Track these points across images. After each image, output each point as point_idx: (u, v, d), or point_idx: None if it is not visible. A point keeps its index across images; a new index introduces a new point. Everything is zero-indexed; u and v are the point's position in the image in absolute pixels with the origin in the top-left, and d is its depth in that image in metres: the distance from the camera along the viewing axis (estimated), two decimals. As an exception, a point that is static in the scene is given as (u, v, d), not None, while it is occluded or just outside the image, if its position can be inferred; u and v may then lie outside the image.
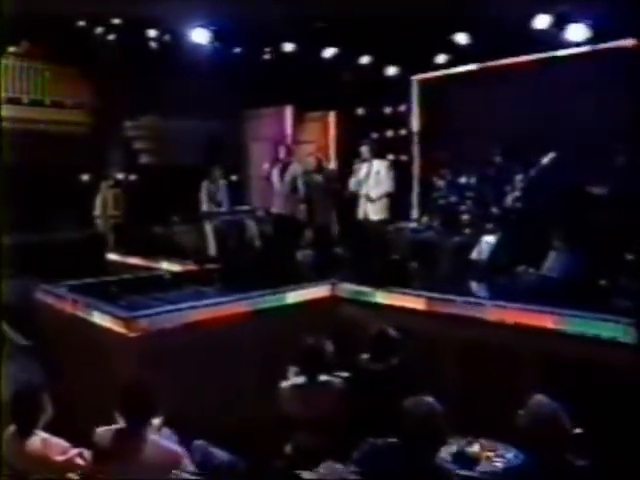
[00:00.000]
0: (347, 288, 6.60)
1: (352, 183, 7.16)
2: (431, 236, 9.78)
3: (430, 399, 2.93)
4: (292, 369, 4.35)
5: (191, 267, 8.61)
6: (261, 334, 5.69)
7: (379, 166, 7.12)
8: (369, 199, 6.99)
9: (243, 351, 5.54)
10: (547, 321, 5.02)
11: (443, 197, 10.40)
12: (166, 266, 9.17)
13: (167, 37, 10.61)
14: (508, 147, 9.46)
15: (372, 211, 7.03)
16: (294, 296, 6.30)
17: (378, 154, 7.28)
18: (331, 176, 7.81)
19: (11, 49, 11.48)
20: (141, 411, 3.19)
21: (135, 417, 3.18)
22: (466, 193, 10.11)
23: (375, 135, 10.88)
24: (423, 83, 12.20)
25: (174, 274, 8.06)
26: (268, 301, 6.09)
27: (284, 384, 4.10)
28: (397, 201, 8.23)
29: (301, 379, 4.08)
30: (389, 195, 7.12)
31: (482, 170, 9.94)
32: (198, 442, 3.61)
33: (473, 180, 10.18)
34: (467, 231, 9.45)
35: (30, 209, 10.00)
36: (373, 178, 7.09)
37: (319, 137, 12.75)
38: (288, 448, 4.03)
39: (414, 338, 4.86)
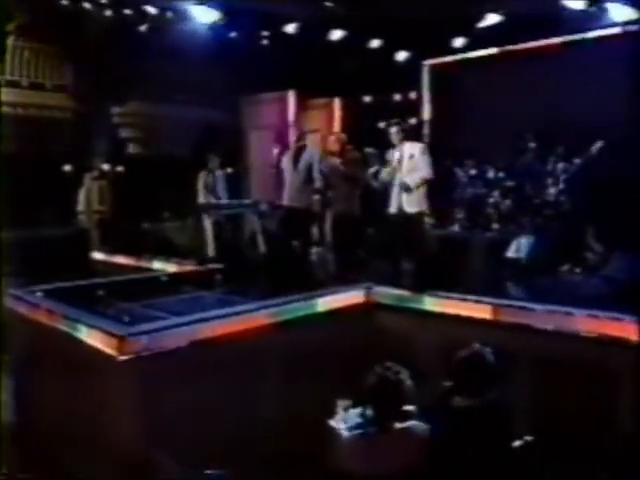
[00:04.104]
0: (385, 293, 5.63)
1: (384, 172, 6.13)
2: (456, 232, 9.10)
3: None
4: (341, 404, 3.29)
5: (188, 267, 7.92)
6: (287, 352, 4.58)
7: (412, 149, 6.10)
8: (405, 188, 5.93)
9: (267, 375, 4.43)
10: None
11: (468, 189, 9.69)
12: (158, 266, 8.53)
13: (159, 15, 10.00)
14: (543, 132, 8.70)
15: (408, 202, 5.97)
16: (322, 303, 5.23)
17: (408, 136, 6.22)
18: (355, 161, 6.74)
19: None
20: None
21: None
22: (495, 184, 9.39)
23: (383, 124, 10.16)
24: (435, 68, 11.76)
25: (171, 276, 7.31)
26: (292, 310, 5.02)
27: (341, 430, 2.98)
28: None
29: (368, 423, 2.96)
30: (426, 183, 6.05)
31: (514, 159, 9.16)
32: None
33: (501, 171, 9.46)
34: (496, 226, 8.75)
35: (3, 203, 8.93)
36: (407, 163, 6.04)
37: (323, 125, 12.10)
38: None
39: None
